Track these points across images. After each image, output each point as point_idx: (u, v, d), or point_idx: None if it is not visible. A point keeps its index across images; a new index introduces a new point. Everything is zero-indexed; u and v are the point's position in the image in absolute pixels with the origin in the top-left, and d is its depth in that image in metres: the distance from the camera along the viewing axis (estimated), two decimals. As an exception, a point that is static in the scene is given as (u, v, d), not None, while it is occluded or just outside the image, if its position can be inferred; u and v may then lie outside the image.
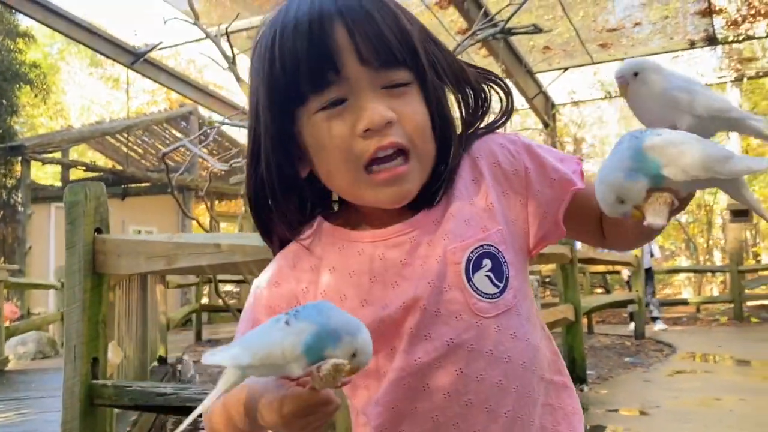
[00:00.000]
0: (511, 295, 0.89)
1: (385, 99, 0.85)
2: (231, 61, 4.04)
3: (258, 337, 0.73)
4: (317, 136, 0.87)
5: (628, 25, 11.17)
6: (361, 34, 0.83)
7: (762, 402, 5.12)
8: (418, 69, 0.87)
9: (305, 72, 0.83)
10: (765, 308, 12.39)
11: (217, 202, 16.56)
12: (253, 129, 0.92)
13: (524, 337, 0.89)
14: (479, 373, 0.86)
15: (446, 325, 0.86)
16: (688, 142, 0.67)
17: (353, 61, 0.83)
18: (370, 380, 0.91)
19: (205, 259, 2.36)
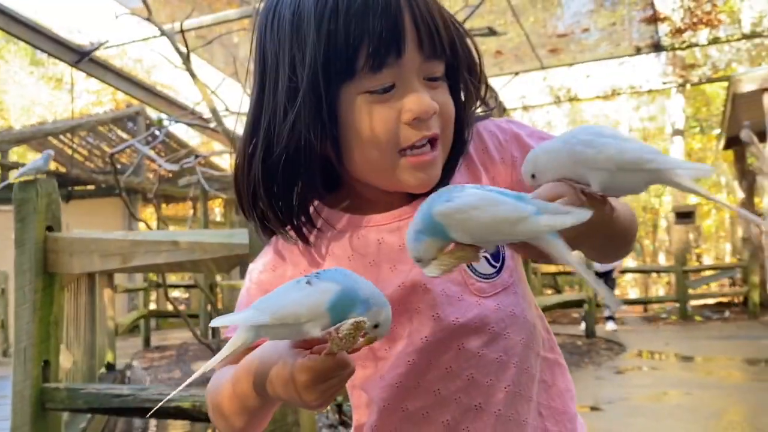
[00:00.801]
0: (507, 275, 0.91)
1: (427, 89, 0.85)
2: (186, 57, 3.95)
3: (276, 298, 0.71)
4: (359, 116, 0.85)
5: (577, 30, 11.42)
6: (423, 23, 0.83)
7: (707, 396, 5.29)
8: (453, 62, 0.89)
9: (368, 50, 0.81)
10: (708, 307, 12.83)
11: (165, 205, 16.22)
12: (269, 96, 0.87)
13: (522, 314, 0.91)
14: (481, 349, 0.88)
15: (451, 305, 0.88)
16: (478, 207, 0.69)
17: (413, 49, 0.83)
18: (368, 360, 0.92)
19: (163, 257, 2.29)
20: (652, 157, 0.70)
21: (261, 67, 0.90)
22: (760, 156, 9.27)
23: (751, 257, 11.72)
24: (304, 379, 0.70)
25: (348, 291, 0.69)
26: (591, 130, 0.75)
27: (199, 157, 5.56)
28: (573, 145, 0.73)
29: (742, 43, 13.81)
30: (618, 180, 0.71)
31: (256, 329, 0.70)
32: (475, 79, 0.93)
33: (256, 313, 0.70)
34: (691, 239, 19.73)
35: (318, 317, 0.68)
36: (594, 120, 22.10)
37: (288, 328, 0.69)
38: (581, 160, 0.72)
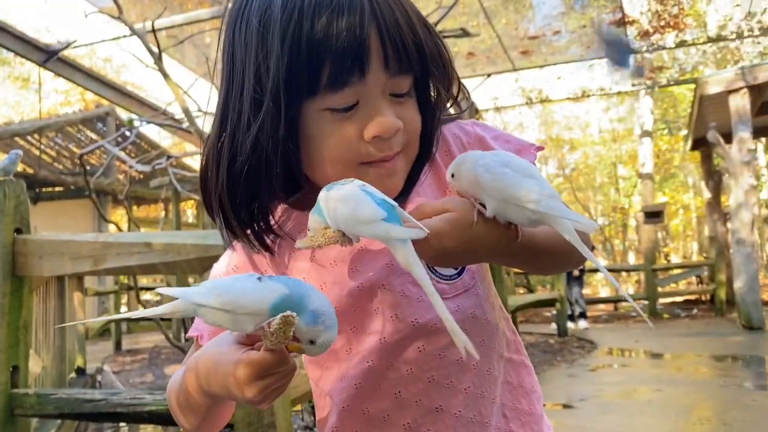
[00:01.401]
0: (468, 277, 0.91)
1: (392, 106, 0.84)
2: (157, 57, 3.90)
3: (225, 283, 0.73)
4: (320, 133, 0.84)
5: (548, 33, 11.54)
6: (391, 40, 0.81)
7: (677, 392, 5.39)
8: (422, 77, 0.87)
9: (330, 69, 0.79)
10: (676, 305, 13.05)
11: (136, 207, 16.01)
12: (235, 102, 0.85)
13: (483, 316, 0.92)
14: (441, 350, 0.88)
15: (410, 306, 0.88)
16: (344, 201, 0.74)
17: (378, 67, 0.81)
18: (332, 360, 0.92)
19: (135, 259, 2.26)
20: (538, 198, 0.73)
21: (229, 68, 0.87)
22: (727, 156, 9.47)
23: (717, 256, 11.95)
24: (242, 375, 0.70)
25: (296, 297, 0.70)
26: (499, 159, 0.78)
27: (171, 158, 5.50)
28: (477, 168, 0.77)
29: (708, 46, 14.08)
30: (506, 210, 0.75)
31: (196, 307, 0.72)
32: (446, 88, 0.92)
33: (203, 291, 0.72)
34: (660, 238, 20.07)
35: (258, 313, 0.70)
36: (565, 121, 22.36)
37: (227, 315, 0.71)
38: (479, 183, 0.76)
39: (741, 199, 9.05)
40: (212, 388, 0.77)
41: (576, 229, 0.75)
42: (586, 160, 23.82)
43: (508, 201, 0.74)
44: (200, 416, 0.85)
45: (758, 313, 8.89)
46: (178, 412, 0.88)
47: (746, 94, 8.98)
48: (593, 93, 14.74)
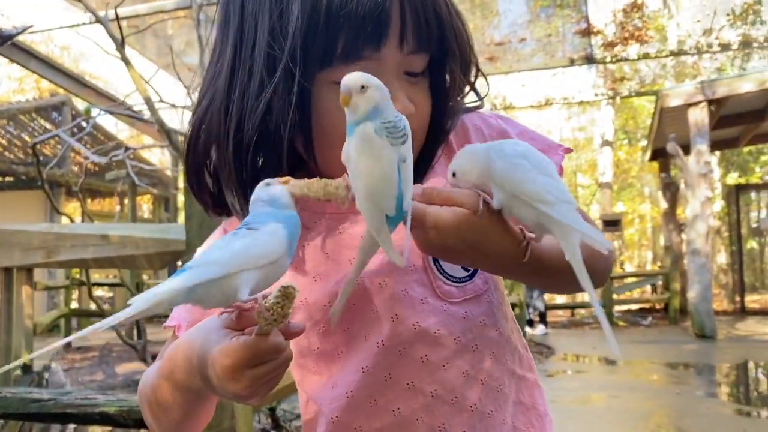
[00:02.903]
0: (481, 281, 0.83)
1: (405, 86, 0.78)
2: (120, 44, 3.76)
3: (220, 250, 0.62)
4: (327, 109, 0.77)
5: (514, 40, 11.65)
6: (411, 17, 0.76)
7: (633, 399, 5.45)
8: (438, 59, 0.82)
9: (347, 36, 0.73)
10: (631, 312, 13.29)
11: (90, 200, 15.57)
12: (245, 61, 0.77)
13: (494, 326, 0.84)
14: (445, 361, 0.80)
15: (412, 308, 0.80)
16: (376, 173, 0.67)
17: (394, 43, 0.76)
18: (322, 364, 0.84)
19: (90, 251, 2.14)
20: (552, 201, 0.64)
21: (238, 21, 0.79)
22: (684, 167, 9.67)
23: (672, 265, 12.19)
24: (230, 363, 0.60)
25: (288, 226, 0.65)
26: (518, 149, 0.70)
27: (129, 150, 5.32)
28: (493, 152, 0.69)
29: (669, 59, 14.41)
30: (512, 206, 0.67)
31: (189, 291, 0.60)
32: (463, 72, 0.86)
33: (202, 270, 0.60)
34: (616, 247, 20.44)
35: (278, 257, 0.63)
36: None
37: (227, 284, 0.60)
38: (489, 172, 0.68)
39: (697, 210, 9.25)
40: (194, 379, 0.67)
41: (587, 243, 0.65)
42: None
43: (518, 196, 0.65)
44: (176, 417, 0.75)
45: (710, 323, 9.09)
46: (149, 414, 0.78)
47: (705, 108, 9.18)
48: (556, 101, 14.92)
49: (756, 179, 18.89)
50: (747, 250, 15.87)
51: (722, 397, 5.71)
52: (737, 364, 7.20)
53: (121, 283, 9.07)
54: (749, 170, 19.51)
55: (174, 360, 0.71)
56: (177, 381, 0.71)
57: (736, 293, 13.56)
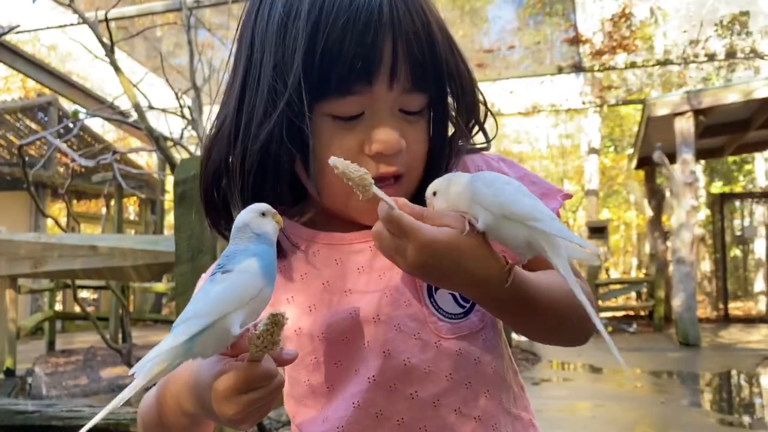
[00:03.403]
0: (477, 319, 0.83)
1: (399, 123, 0.80)
2: (109, 49, 3.73)
3: (201, 301, 0.65)
4: (323, 140, 0.80)
5: (503, 47, 11.72)
6: (404, 55, 0.78)
7: (618, 408, 5.48)
8: (437, 99, 0.84)
9: (339, 73, 0.76)
10: (616, 319, 13.37)
11: (76, 202, 15.44)
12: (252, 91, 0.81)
13: (490, 364, 0.83)
14: (436, 398, 0.79)
15: (404, 343, 0.80)
16: None
17: (385, 81, 0.78)
18: (312, 397, 0.84)
19: (79, 262, 2.13)
20: (540, 217, 0.68)
21: (248, 53, 0.83)
22: (670, 176, 9.75)
23: (657, 273, 12.28)
24: (223, 387, 0.62)
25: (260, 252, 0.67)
26: (500, 177, 0.74)
27: (117, 154, 5.29)
28: (475, 181, 0.72)
29: (657, 68, 14.53)
30: (501, 226, 0.69)
31: (187, 346, 0.62)
32: (467, 113, 0.88)
33: (192, 323, 0.62)
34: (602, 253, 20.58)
35: (258, 292, 0.65)
36: (515, 135, 22.74)
37: (220, 328, 0.62)
38: (475, 197, 0.71)
39: (683, 219, 9.33)
40: (189, 404, 0.69)
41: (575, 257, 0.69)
42: (534, 173, 24.27)
43: (508, 217, 0.68)
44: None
45: (695, 330, 9.17)
46: None
47: (691, 118, 9.27)
48: (544, 108, 14.99)
49: (740, 188, 19.10)
50: (731, 258, 16.03)
51: (706, 406, 5.76)
52: (720, 373, 7.26)
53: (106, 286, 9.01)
54: (733, 179, 19.73)
55: (173, 385, 0.73)
56: (175, 406, 0.73)
57: (719, 301, 13.68)
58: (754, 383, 6.87)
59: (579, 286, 0.70)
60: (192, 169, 2.07)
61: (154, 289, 9.71)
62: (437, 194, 0.74)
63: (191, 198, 2.08)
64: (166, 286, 9.47)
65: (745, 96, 9.04)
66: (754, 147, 13.10)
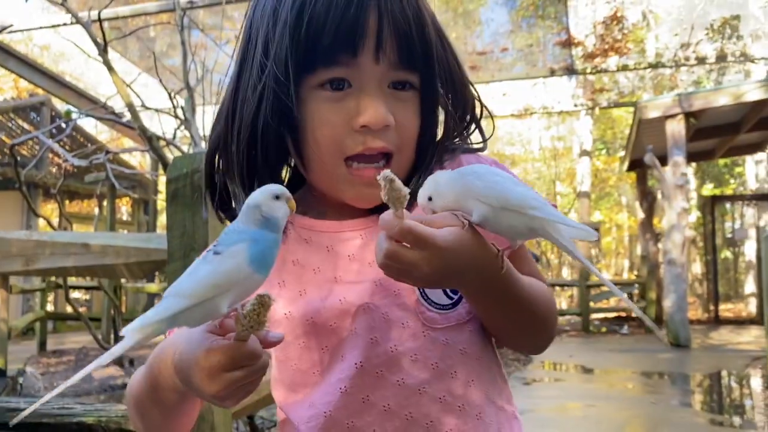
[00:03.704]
0: (464, 310, 0.85)
1: (389, 99, 0.82)
2: (102, 48, 3.74)
3: (188, 279, 0.66)
4: (311, 112, 0.82)
5: (496, 50, 11.75)
6: (390, 28, 0.80)
7: (609, 408, 5.51)
8: (427, 79, 0.85)
9: (324, 44, 0.79)
10: (608, 320, 13.42)
11: (68, 202, 15.39)
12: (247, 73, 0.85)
13: (475, 355, 0.85)
14: (422, 385, 0.81)
15: (392, 330, 0.82)
16: None
17: (370, 53, 0.80)
18: (299, 381, 0.86)
19: (71, 260, 2.13)
20: (537, 205, 0.71)
21: (245, 39, 0.87)
22: (661, 179, 9.81)
23: (648, 275, 12.35)
24: (209, 364, 0.64)
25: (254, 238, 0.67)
26: (489, 168, 0.77)
27: (110, 154, 5.29)
28: (466, 176, 0.74)
29: (648, 71, 14.62)
30: (499, 218, 0.71)
31: (171, 319, 0.65)
32: (459, 104, 0.90)
33: (171, 302, 0.65)
34: (593, 255, 20.66)
35: (243, 279, 0.65)
36: (507, 137, 22.81)
37: (201, 308, 0.65)
38: (470, 191, 0.72)
39: (674, 221, 9.38)
40: (177, 379, 0.70)
41: (574, 238, 0.73)
42: (527, 175, 24.31)
43: (507, 208, 0.71)
44: (162, 417, 0.78)
45: (685, 332, 9.22)
46: (136, 416, 0.81)
47: (682, 120, 9.33)
48: (536, 111, 15.06)
49: (730, 190, 19.22)
50: (721, 259, 16.13)
51: (696, 406, 5.79)
52: (711, 374, 7.31)
53: (98, 287, 8.98)
54: (724, 181, 19.85)
55: (160, 362, 0.75)
56: (164, 382, 0.74)
57: (710, 302, 13.76)
58: (744, 384, 6.92)
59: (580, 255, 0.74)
60: (184, 167, 2.08)
61: (146, 289, 9.69)
62: (432, 198, 0.75)
63: (183, 196, 2.09)
64: (158, 286, 9.44)
65: (735, 99, 9.11)
66: (744, 150, 13.20)
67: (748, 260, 15.83)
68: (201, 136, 4.70)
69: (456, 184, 0.74)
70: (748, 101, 9.16)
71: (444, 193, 0.74)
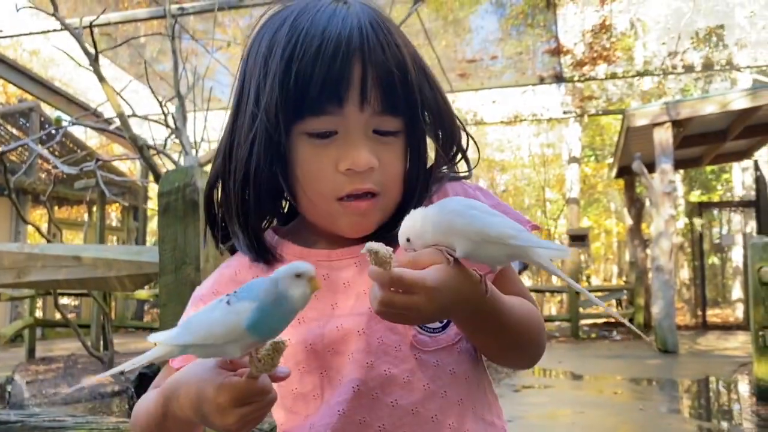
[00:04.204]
0: (453, 332, 0.89)
1: (372, 144, 0.87)
2: (93, 58, 3.75)
3: (198, 318, 0.71)
4: (301, 158, 0.87)
5: (485, 57, 11.82)
6: (373, 79, 0.84)
7: (598, 414, 5.55)
8: (410, 122, 0.90)
9: (311, 95, 0.83)
10: (597, 326, 13.50)
11: (57, 208, 15.31)
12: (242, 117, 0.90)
13: (464, 375, 0.89)
14: (414, 406, 0.85)
15: (386, 354, 0.86)
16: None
17: (355, 102, 0.84)
18: (299, 404, 0.89)
19: (63, 273, 2.15)
20: (515, 233, 0.75)
21: (240, 85, 0.92)
22: (649, 186, 9.89)
23: (637, 280, 12.43)
24: (222, 401, 0.69)
25: (263, 306, 0.68)
26: (463, 203, 0.80)
27: (100, 161, 5.29)
28: (446, 214, 0.77)
29: (636, 79, 14.75)
30: (481, 250, 0.75)
31: (182, 347, 0.71)
32: (445, 139, 0.94)
33: (181, 332, 0.71)
34: (582, 261, 20.76)
35: (238, 338, 0.68)
36: (497, 143, 22.91)
37: (211, 348, 0.70)
38: (451, 228, 0.76)
39: (662, 227, 9.46)
40: (188, 412, 0.74)
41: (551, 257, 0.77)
42: (516, 182, 24.44)
43: (487, 240, 0.75)
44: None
45: (673, 338, 9.29)
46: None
47: (669, 128, 9.42)
48: (525, 118, 15.15)
49: (717, 197, 19.39)
50: (709, 265, 16.25)
51: (684, 412, 5.84)
52: (698, 380, 7.37)
53: (87, 293, 8.93)
54: (711, 188, 20.03)
55: (170, 391, 0.78)
56: (172, 412, 0.78)
57: (698, 308, 13.86)
58: (732, 390, 6.98)
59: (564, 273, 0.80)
60: (177, 180, 2.10)
61: (136, 296, 9.66)
62: (411, 240, 0.78)
63: (175, 209, 2.11)
64: (148, 292, 9.43)
65: (722, 107, 9.21)
66: (731, 157, 13.34)
67: (735, 266, 15.97)
68: (192, 144, 4.72)
69: (435, 221, 0.77)
70: (734, 109, 9.26)
71: (423, 232, 0.78)
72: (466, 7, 12.13)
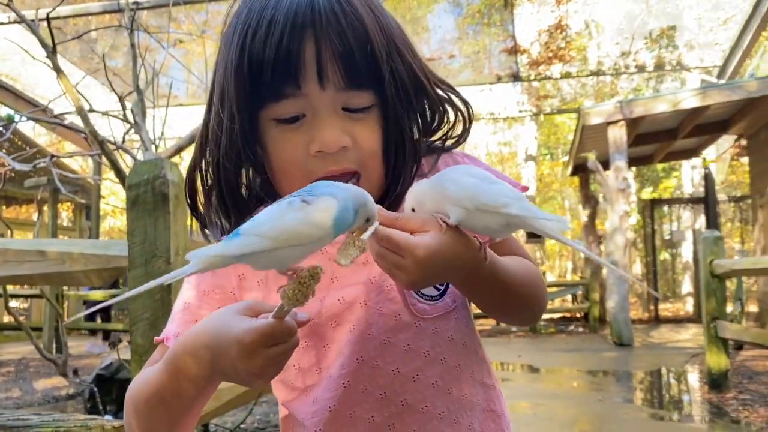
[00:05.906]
0: (450, 299, 0.91)
1: (344, 121, 0.83)
2: (51, 50, 3.65)
3: (271, 221, 0.65)
4: (273, 143, 0.85)
5: (444, 56, 11.92)
6: (329, 53, 0.80)
7: (557, 406, 5.66)
8: (381, 93, 0.85)
9: (267, 79, 0.80)
10: (553, 321, 13.75)
11: (5, 207, 14.83)
12: (210, 114, 0.89)
13: (461, 340, 0.91)
14: (415, 373, 0.87)
15: (386, 324, 0.87)
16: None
17: (314, 80, 0.81)
18: (301, 379, 0.89)
19: (27, 267, 2.09)
20: (509, 202, 0.73)
21: (213, 75, 0.90)
22: (604, 183, 10.12)
23: (592, 276, 12.70)
24: (249, 340, 0.67)
25: (343, 203, 0.67)
26: (462, 170, 0.80)
27: (55, 158, 5.15)
28: (443, 182, 0.77)
29: (590, 79, 15.07)
30: (475, 218, 0.75)
31: (240, 257, 0.64)
32: (430, 100, 0.91)
33: (253, 240, 0.63)
34: (538, 257, 21.10)
35: (323, 237, 0.65)
36: (454, 141, 23.05)
37: (281, 253, 0.64)
38: (445, 196, 0.76)
39: (616, 223, 9.69)
40: (204, 364, 0.71)
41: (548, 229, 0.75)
42: (473, 179, 24.64)
43: (480, 208, 0.74)
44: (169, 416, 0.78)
45: (628, 331, 9.53)
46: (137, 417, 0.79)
47: (623, 126, 9.66)
48: (483, 116, 15.31)
49: (668, 194, 19.95)
50: (660, 261, 16.71)
51: (638, 402, 6.00)
52: (652, 371, 7.58)
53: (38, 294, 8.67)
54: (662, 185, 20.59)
55: (184, 350, 0.74)
56: (186, 371, 0.74)
57: (650, 302, 14.25)
58: (683, 380, 7.20)
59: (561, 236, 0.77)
60: (146, 173, 2.07)
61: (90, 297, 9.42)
62: (415, 210, 0.79)
63: (144, 202, 2.08)
64: (102, 294, 9.20)
65: (673, 106, 9.49)
66: (681, 155, 13.75)
67: (685, 261, 16.45)
68: (151, 140, 4.63)
69: (432, 191, 0.77)
70: (685, 108, 9.54)
71: (423, 202, 0.78)
72: (424, 6, 12.22)
